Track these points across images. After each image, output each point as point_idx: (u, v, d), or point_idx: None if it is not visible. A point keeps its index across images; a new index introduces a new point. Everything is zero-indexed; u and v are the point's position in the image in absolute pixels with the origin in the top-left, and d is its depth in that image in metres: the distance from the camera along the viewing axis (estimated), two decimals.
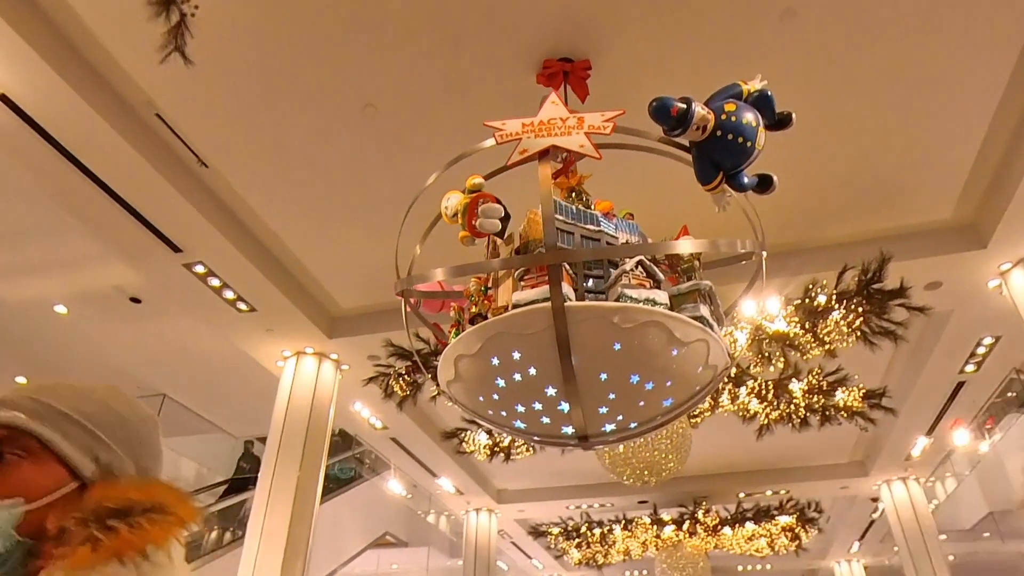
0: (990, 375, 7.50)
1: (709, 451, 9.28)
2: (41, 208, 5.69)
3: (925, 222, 5.50)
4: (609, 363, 2.24)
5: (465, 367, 2.46)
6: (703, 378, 2.33)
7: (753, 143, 2.25)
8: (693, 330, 2.17)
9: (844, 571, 15.48)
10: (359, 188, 5.19)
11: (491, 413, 2.71)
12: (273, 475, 6.33)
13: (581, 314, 2.12)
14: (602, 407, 2.40)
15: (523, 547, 14.10)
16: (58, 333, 7.56)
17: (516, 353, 2.26)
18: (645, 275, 2.29)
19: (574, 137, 2.29)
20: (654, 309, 2.17)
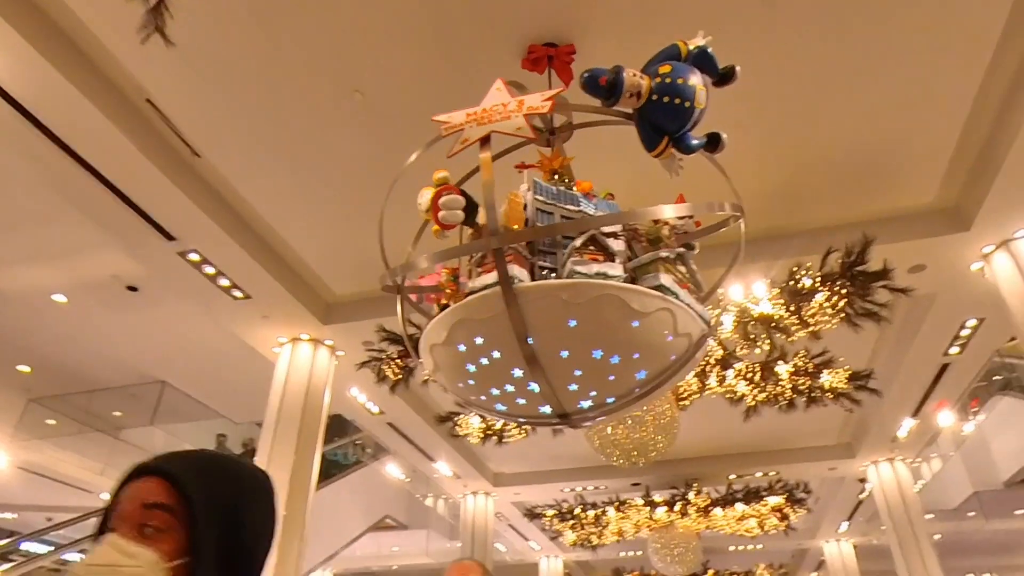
0: (974, 357, 7.45)
1: (699, 434, 9.27)
2: (36, 197, 5.64)
3: (908, 205, 5.43)
4: (568, 340, 2.18)
5: (439, 356, 2.45)
6: (676, 347, 2.26)
7: (692, 103, 2.17)
8: (652, 300, 2.09)
9: (833, 550, 15.51)
10: (350, 176, 5.13)
11: (473, 398, 2.69)
12: (269, 459, 6.30)
13: (530, 295, 2.07)
14: (571, 384, 2.34)
15: (519, 529, 14.13)
16: (58, 322, 7.52)
17: (479, 339, 2.24)
18: (597, 249, 2.22)
19: (513, 120, 2.23)
20: (604, 283, 2.11)
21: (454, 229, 2.49)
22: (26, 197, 5.76)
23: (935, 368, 7.62)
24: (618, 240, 2.37)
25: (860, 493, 12.26)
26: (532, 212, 2.55)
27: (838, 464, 10.84)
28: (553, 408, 2.50)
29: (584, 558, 17.15)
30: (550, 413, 2.59)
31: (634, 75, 2.21)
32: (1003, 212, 5.15)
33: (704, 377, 5.84)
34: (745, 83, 4.46)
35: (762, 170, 5.02)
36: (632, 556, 16.43)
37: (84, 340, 7.89)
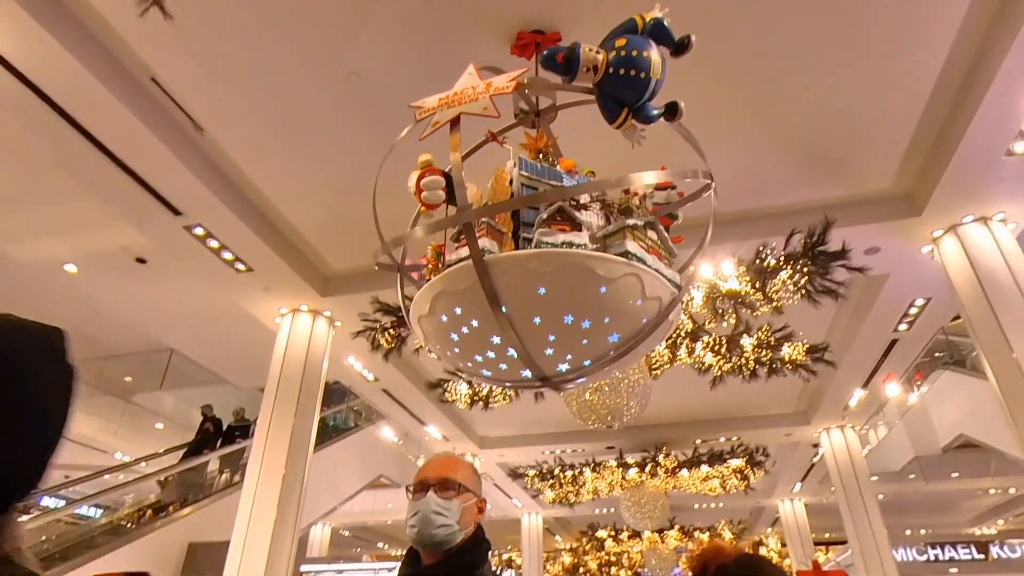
0: (920, 334, 7.52)
1: (669, 401, 9.33)
2: (48, 173, 5.47)
3: (867, 191, 5.43)
4: (539, 307, 2.14)
5: (426, 327, 2.43)
6: (647, 310, 2.20)
7: (648, 73, 2.10)
8: (617, 266, 2.04)
9: (787, 508, 15.77)
10: (348, 154, 5.01)
11: (461, 364, 2.66)
12: (270, 422, 6.24)
13: (500, 265, 2.05)
14: (547, 349, 2.29)
15: (503, 488, 14.24)
16: (70, 291, 7.36)
17: (457, 309, 2.22)
18: (564, 220, 2.17)
19: (480, 102, 2.17)
20: (569, 251, 2.06)
21: (440, 208, 2.44)
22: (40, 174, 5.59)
23: (885, 343, 7.69)
24: (589, 211, 2.31)
25: (813, 457, 12.42)
26: (517, 187, 2.50)
27: (794, 430, 10.98)
28: (533, 372, 2.46)
29: (562, 515, 17.36)
30: (531, 377, 2.55)
31: (590, 50, 2.15)
32: (952, 199, 5.15)
33: (675, 348, 5.83)
34: (719, 75, 4.42)
35: (734, 156, 4.98)
36: (606, 513, 16.59)
37: (95, 308, 7.72)
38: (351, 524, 16.88)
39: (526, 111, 3.05)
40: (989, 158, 4.70)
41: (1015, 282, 5.06)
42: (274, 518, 5.76)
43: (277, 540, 5.68)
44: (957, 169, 4.82)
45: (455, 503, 1.52)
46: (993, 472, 12.94)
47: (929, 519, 17.55)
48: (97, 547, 6.81)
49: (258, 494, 5.85)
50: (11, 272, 6.94)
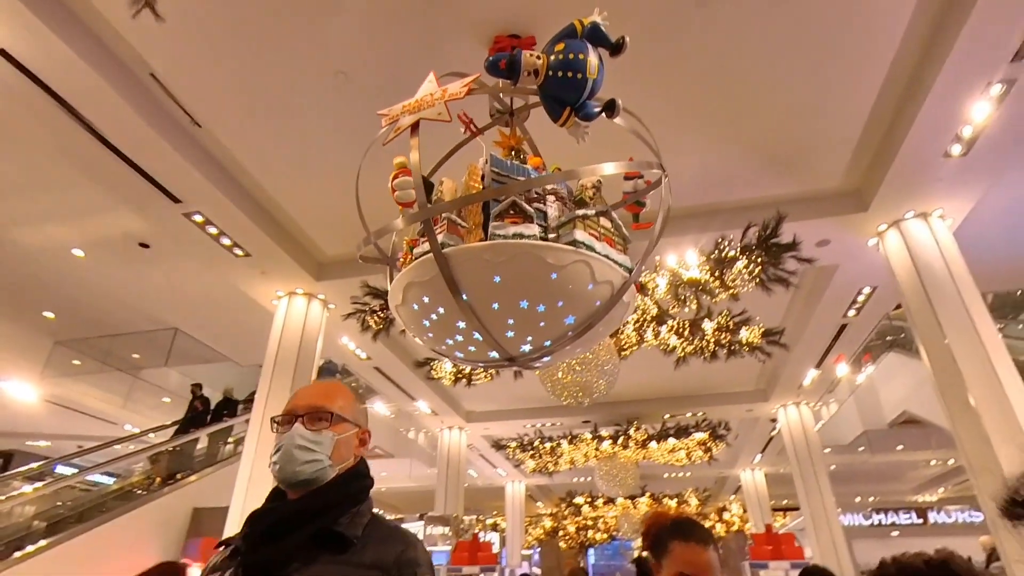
0: (867, 319, 7.64)
1: (640, 380, 9.44)
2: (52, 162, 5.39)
3: (819, 188, 5.48)
4: (496, 294, 2.19)
5: (402, 314, 2.47)
6: (599, 293, 2.24)
7: (584, 74, 2.12)
8: (565, 254, 2.07)
9: (748, 477, 16.04)
10: (339, 148, 4.97)
11: (437, 347, 2.70)
12: (267, 397, 6.26)
13: (457, 257, 2.08)
14: (508, 332, 2.34)
15: (488, 458, 14.36)
16: (78, 274, 7.28)
17: (425, 298, 2.25)
18: (516, 213, 2.21)
19: (435, 107, 2.20)
20: (519, 242, 2.10)
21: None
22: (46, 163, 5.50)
23: (835, 327, 7.81)
24: (546, 204, 2.35)
25: (771, 431, 12.62)
26: (488, 182, 2.52)
27: (754, 407, 11.15)
28: (500, 353, 2.50)
29: (543, 483, 17.55)
30: (499, 357, 2.59)
31: (531, 55, 2.17)
32: (896, 196, 5.22)
33: (642, 331, 5.90)
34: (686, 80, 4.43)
35: (698, 154, 5.01)
36: (583, 481, 16.82)
37: (102, 290, 7.65)
38: None
39: (501, 111, 3.07)
40: (929, 159, 4.76)
41: (949, 273, 5.16)
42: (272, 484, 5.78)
43: None
44: (900, 169, 4.89)
45: (327, 435, 1.25)
46: (934, 445, 13.21)
47: (875, 488, 17.93)
48: (109, 511, 6.82)
49: (256, 464, 5.88)
50: (22, 257, 6.86)
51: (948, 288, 5.09)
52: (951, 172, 4.89)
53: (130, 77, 4.25)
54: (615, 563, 25.53)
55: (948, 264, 5.19)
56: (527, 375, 7.32)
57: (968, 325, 4.88)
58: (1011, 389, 4.60)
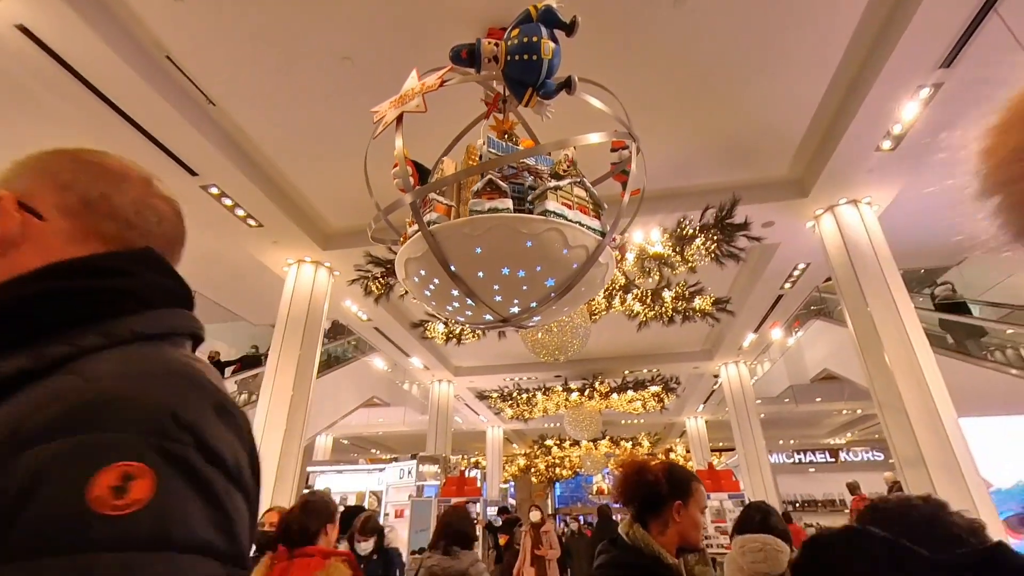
0: (800, 291, 7.78)
1: (605, 341, 9.52)
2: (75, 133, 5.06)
3: (767, 176, 5.48)
4: (479, 264, 2.15)
5: (409, 286, 2.44)
6: (575, 257, 2.20)
7: (539, 55, 2.05)
8: (536, 223, 2.02)
9: (692, 424, 16.45)
10: (345, 128, 4.78)
11: (441, 312, 2.66)
12: (280, 353, 6.14)
13: (442, 233, 2.05)
14: (496, 296, 2.30)
15: (472, 407, 14.45)
16: None
17: (422, 271, 2.22)
18: (492, 190, 2.15)
19: (415, 100, 2.12)
20: (493, 215, 2.06)
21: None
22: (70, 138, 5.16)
23: (773, 298, 7.94)
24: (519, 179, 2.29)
25: (713, 385, 12.90)
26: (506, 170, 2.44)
27: (700, 364, 11.37)
28: (493, 315, 2.46)
29: (518, 428, 17.80)
30: (493, 319, 2.55)
31: (489, 43, 2.09)
32: (832, 185, 5.25)
33: (611, 299, 5.90)
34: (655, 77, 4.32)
35: (665, 143, 4.94)
36: (553, 427, 17.09)
37: None
38: (349, 435, 17.00)
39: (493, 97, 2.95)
40: (863, 152, 4.77)
41: (874, 252, 5.24)
42: (284, 429, 5.73)
43: (286, 447, 5.68)
44: (838, 160, 4.89)
45: None
46: (847, 397, 13.65)
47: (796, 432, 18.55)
48: None
49: (269, 410, 5.80)
50: None
51: (872, 264, 5.17)
52: (880, 164, 4.92)
53: (147, 56, 3.98)
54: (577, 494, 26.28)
55: (873, 244, 5.27)
56: (510, 336, 7.30)
57: (887, 296, 4.99)
58: (919, 349, 4.73)
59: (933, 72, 3.93)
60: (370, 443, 19.52)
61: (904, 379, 4.62)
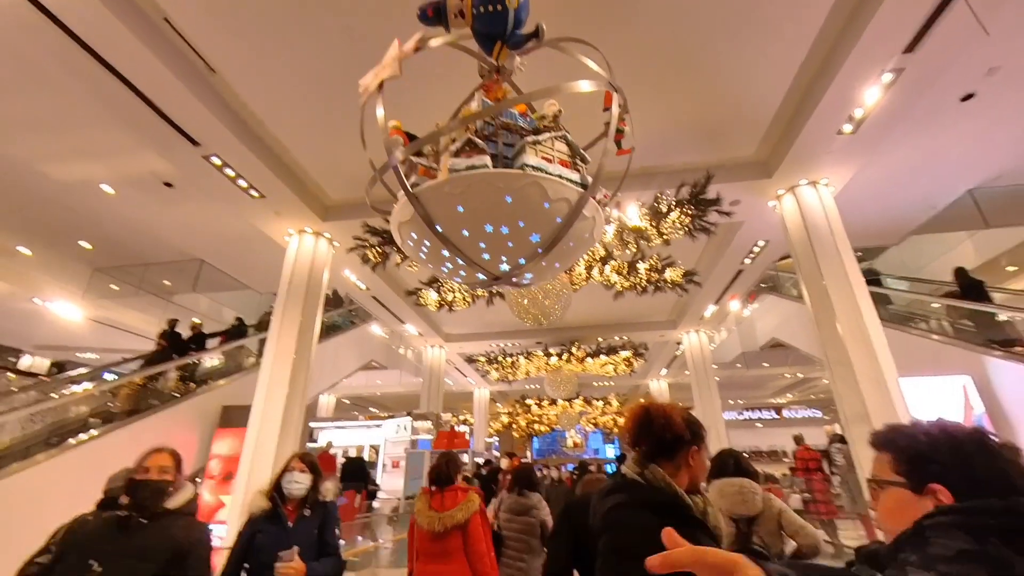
0: (757, 267, 7.71)
1: (582, 310, 9.42)
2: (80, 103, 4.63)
3: (736, 157, 5.30)
4: (463, 222, 1.94)
5: (406, 251, 2.22)
6: (557, 211, 2.00)
7: (504, 5, 1.82)
8: (515, 178, 1.82)
9: (655, 386, 16.64)
10: (344, 100, 4.44)
11: (439, 274, 2.46)
12: (282, 319, 5.86)
13: (426, 194, 1.85)
14: (483, 255, 2.09)
15: (461, 370, 14.37)
16: (108, 208, 6.48)
17: (413, 234, 1.99)
18: (472, 148, 1.95)
19: (391, 67, 1.89)
20: (472, 172, 1.85)
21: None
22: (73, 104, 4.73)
23: (734, 272, 7.86)
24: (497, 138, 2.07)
25: (676, 351, 12.98)
26: (480, 125, 2.21)
27: (665, 333, 11.38)
28: (485, 274, 2.26)
29: (502, 389, 17.81)
30: (487, 278, 2.35)
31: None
32: (795, 166, 5.10)
33: (591, 269, 5.72)
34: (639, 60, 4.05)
35: (643, 125, 4.70)
36: (533, 388, 17.16)
37: (133, 224, 6.86)
38: (350, 395, 16.83)
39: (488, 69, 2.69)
40: (826, 135, 4.62)
41: (830, 230, 5.14)
42: (287, 388, 5.51)
43: (289, 404, 5.46)
44: (802, 143, 4.73)
45: None
46: (790, 363, 13.93)
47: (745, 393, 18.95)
48: (153, 407, 6.39)
49: (273, 371, 5.56)
50: (56, 191, 6.03)
51: (828, 241, 5.08)
52: (840, 147, 4.77)
53: (147, 21, 3.59)
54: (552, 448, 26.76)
55: (829, 222, 5.16)
56: (497, 305, 7.12)
57: (841, 270, 4.91)
58: (867, 318, 4.68)
59: (897, 56, 3.75)
60: (369, 402, 19.38)
61: (854, 345, 4.57)
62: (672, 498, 1.17)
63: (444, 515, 2.43)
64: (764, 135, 5.01)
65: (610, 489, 1.27)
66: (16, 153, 5.37)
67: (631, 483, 1.24)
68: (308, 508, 2.18)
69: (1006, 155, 5.71)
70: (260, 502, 2.16)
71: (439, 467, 2.64)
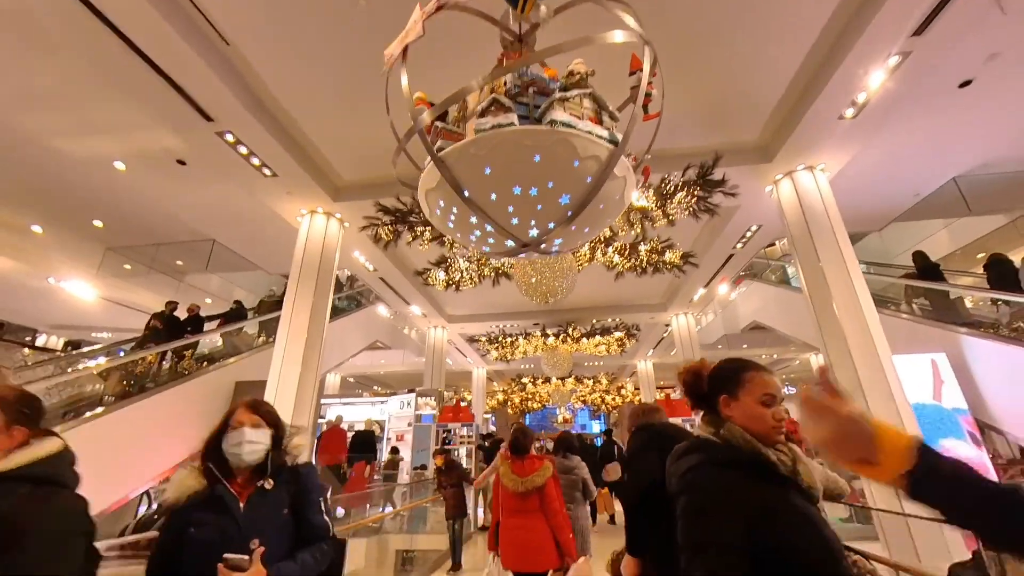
0: (748, 252, 7.59)
1: (579, 293, 9.23)
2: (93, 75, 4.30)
3: (739, 141, 5.12)
4: (491, 185, 1.74)
5: (435, 222, 2.05)
6: (587, 169, 1.80)
7: None
8: (542, 135, 1.62)
9: (642, 366, 16.60)
10: (358, 80, 4.17)
11: (468, 245, 2.25)
12: (295, 298, 5.63)
13: (451, 157, 1.68)
14: (512, 219, 1.89)
15: (462, 351, 14.21)
16: (121, 186, 6.11)
17: (440, 201, 1.84)
18: (497, 108, 1.74)
19: (415, 29, 1.71)
20: (498, 131, 1.65)
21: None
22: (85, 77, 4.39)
23: (725, 256, 7.74)
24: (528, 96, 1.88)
25: (663, 333, 12.91)
26: (511, 86, 1.99)
27: (656, 315, 11.28)
28: (514, 241, 2.06)
29: (498, 368, 17.71)
30: (515, 245, 2.16)
31: None
32: (795, 151, 4.94)
33: (594, 250, 5.56)
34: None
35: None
36: (529, 368, 17.09)
37: (145, 203, 6.50)
38: (355, 373, 16.63)
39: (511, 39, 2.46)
40: (827, 120, 4.45)
41: (827, 214, 5.02)
42: (300, 365, 5.30)
43: (303, 381, 5.26)
44: (803, 130, 4.58)
45: None
46: (768, 344, 13.98)
47: None
48: (167, 383, 6.14)
49: (287, 348, 5.35)
50: (69, 168, 5.67)
51: (824, 225, 4.95)
52: (840, 132, 4.62)
53: None
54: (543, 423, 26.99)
55: (826, 206, 5.04)
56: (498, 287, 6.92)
57: (837, 252, 4.79)
58: (862, 298, 4.59)
59: (905, 39, 3.57)
60: (373, 381, 19.20)
61: (849, 323, 4.48)
62: (752, 455, 1.02)
63: (526, 479, 2.71)
64: (767, 121, 4.83)
65: (685, 450, 1.12)
66: (29, 127, 5.00)
67: (707, 442, 1.10)
68: (269, 479, 1.40)
69: (995, 143, 5.60)
70: (189, 481, 1.35)
71: (517, 439, 2.89)
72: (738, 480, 0.98)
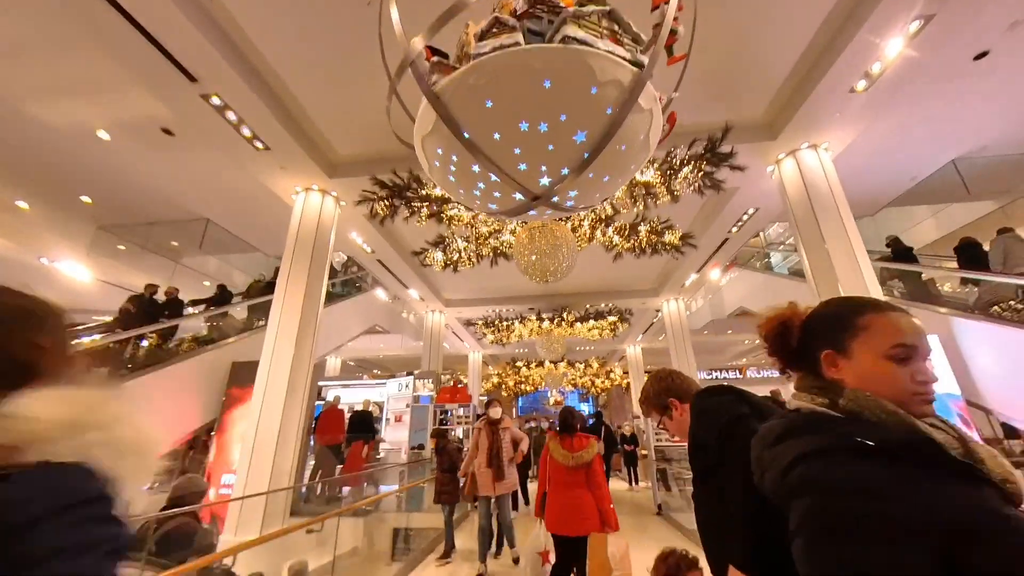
0: (743, 236, 7.28)
1: (573, 278, 8.92)
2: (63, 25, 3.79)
3: (745, 118, 4.76)
4: (493, 122, 1.34)
5: (435, 176, 1.71)
6: (606, 97, 1.39)
7: None
8: (555, 54, 1.25)
9: (631, 351, 16.44)
10: (356, 52, 3.73)
11: (472, 204, 1.87)
12: (288, 280, 5.21)
13: (447, 91, 1.33)
14: (519, 164, 1.48)
15: (458, 335, 13.87)
16: (106, 158, 5.56)
17: (439, 149, 1.50)
18: (499, 28, 1.33)
19: None
20: (499, 52, 1.24)
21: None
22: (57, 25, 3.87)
23: (720, 241, 7.43)
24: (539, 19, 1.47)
25: (653, 318, 12.66)
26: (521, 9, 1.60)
27: (647, 300, 11.01)
28: (524, 193, 1.67)
29: (493, 352, 17.42)
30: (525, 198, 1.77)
31: None
32: (800, 129, 4.60)
33: (594, 229, 5.19)
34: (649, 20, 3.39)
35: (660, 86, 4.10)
36: (523, 352, 16.82)
37: (133, 177, 5.96)
38: (355, 357, 16.23)
39: None
40: (838, 93, 4.10)
41: (831, 193, 4.70)
42: (293, 347, 4.91)
43: (296, 362, 4.87)
44: (809, 108, 4.25)
45: None
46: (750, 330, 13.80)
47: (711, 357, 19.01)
48: (165, 360, 5.70)
49: (279, 330, 4.95)
50: (49, 138, 5.12)
51: (829, 204, 4.63)
52: (850, 107, 4.27)
53: None
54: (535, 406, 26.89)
55: (830, 185, 4.71)
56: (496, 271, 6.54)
57: (842, 233, 4.48)
58: (868, 278, 4.28)
59: (930, 2, 3.21)
60: (372, 364, 18.82)
61: None
62: (909, 435, 0.61)
63: (576, 455, 2.77)
64: (774, 97, 4.47)
65: (785, 431, 0.70)
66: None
67: (823, 418, 0.69)
68: None
69: (1000, 122, 5.27)
70: None
71: (565, 418, 2.95)
72: (909, 477, 0.57)
